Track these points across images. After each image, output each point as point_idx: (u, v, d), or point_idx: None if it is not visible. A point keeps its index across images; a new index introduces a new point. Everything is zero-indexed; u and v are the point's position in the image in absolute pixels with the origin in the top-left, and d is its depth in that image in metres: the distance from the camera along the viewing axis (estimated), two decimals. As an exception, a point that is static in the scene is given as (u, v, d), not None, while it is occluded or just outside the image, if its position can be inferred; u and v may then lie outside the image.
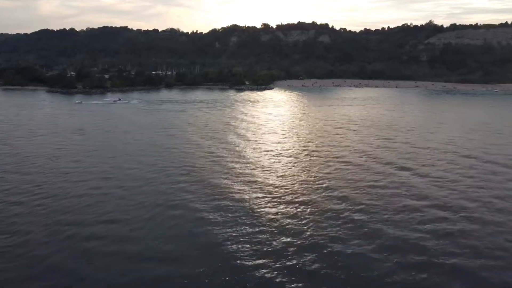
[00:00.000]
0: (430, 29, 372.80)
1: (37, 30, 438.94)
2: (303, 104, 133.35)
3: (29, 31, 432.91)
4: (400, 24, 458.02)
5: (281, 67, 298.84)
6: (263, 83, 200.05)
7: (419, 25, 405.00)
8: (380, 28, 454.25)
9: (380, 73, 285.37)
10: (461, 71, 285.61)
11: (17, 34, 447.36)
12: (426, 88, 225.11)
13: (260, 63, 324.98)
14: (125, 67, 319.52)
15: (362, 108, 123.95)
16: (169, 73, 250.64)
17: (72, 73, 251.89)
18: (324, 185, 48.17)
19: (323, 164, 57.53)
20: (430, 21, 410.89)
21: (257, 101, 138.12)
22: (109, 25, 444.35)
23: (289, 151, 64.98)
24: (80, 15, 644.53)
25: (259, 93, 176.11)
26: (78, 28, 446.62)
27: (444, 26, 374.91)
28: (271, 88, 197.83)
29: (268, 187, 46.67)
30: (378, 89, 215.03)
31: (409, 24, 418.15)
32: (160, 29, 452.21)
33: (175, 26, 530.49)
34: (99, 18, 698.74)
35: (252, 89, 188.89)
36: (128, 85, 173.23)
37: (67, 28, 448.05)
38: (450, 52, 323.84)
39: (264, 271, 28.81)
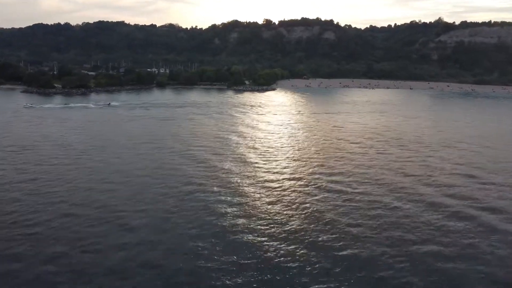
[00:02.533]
0: (440, 26, 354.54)
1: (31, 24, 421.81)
2: (311, 110, 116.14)
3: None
4: (401, 22, 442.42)
5: (284, 65, 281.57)
6: (264, 83, 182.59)
7: (428, 22, 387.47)
8: (386, 25, 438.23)
9: (389, 72, 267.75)
10: (476, 71, 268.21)
11: (13, 28, 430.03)
12: (442, 90, 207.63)
13: (261, 61, 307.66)
14: (119, 64, 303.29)
15: (379, 115, 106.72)
16: (162, 70, 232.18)
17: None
18: (370, 238, 31.48)
19: (354, 199, 40.76)
20: (439, 18, 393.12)
21: (258, 105, 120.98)
22: (105, 20, 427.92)
23: (303, 178, 47.93)
24: (81, 11, 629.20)
25: (261, 94, 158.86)
26: (77, 23, 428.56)
27: (449, 24, 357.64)
28: (274, 89, 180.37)
29: (286, 243, 29.99)
30: (390, 91, 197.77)
31: (417, 21, 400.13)
32: (159, 25, 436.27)
33: (177, 22, 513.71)
34: (100, 13, 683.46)
35: (252, 90, 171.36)
36: (115, 85, 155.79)
37: (62, 23, 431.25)
38: (462, 51, 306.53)
39: None
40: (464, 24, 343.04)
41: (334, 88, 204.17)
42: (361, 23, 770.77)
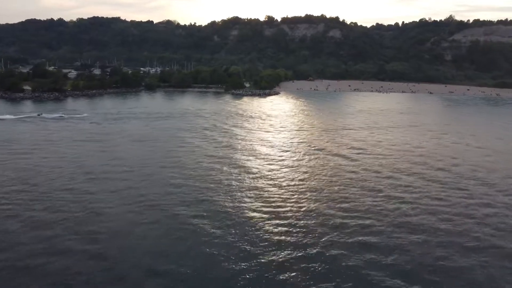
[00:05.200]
0: (453, 25, 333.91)
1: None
2: (325, 122, 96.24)
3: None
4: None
5: (287, 64, 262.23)
6: (266, 86, 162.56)
7: (438, 20, 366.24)
8: (393, 23, 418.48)
9: (402, 74, 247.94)
10: (495, 73, 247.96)
11: (6, 24, 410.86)
12: (464, 95, 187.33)
13: (262, 59, 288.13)
14: (110, 62, 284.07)
15: (411, 131, 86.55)
16: (153, 70, 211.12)
17: (51, 68, 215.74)
18: None
19: None
20: (450, 16, 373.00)
21: (260, 116, 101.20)
22: (104, 16, 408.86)
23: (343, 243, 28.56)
24: (82, 8, 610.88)
25: (262, 100, 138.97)
26: (71, 19, 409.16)
27: (462, 22, 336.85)
28: (277, 93, 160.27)
29: None
30: (407, 96, 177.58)
31: (427, 19, 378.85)
32: (157, 21, 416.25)
33: (175, 19, 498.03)
34: (103, 10, 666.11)
35: (253, 94, 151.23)
36: (96, 87, 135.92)
37: (55, 18, 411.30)
38: (478, 50, 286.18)
39: None
40: (479, 22, 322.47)
41: (343, 92, 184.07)
42: (364, 22, 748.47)
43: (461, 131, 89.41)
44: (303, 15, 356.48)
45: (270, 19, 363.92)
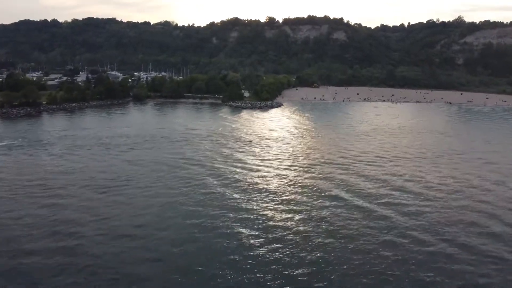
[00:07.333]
0: (464, 26, 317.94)
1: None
2: (342, 147, 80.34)
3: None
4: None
5: (289, 68, 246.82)
6: (268, 96, 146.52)
7: (446, 21, 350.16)
8: (398, 24, 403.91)
9: (413, 80, 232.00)
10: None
11: (1, 24, 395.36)
12: (485, 105, 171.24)
13: (263, 63, 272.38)
14: (103, 65, 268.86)
15: (453, 163, 70.23)
16: (144, 76, 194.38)
17: (33, 75, 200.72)
18: None
19: None
20: (459, 17, 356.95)
21: (261, 138, 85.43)
22: (99, 15, 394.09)
23: None
24: (83, 6, 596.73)
25: (264, 115, 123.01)
26: (66, 20, 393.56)
27: (474, 23, 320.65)
28: (280, 105, 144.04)
29: None
30: (424, 107, 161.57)
31: (435, 20, 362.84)
32: (155, 22, 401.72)
33: (173, 20, 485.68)
34: (102, 9, 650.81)
35: (253, 107, 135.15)
36: (76, 100, 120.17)
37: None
38: (491, 54, 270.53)
39: None
40: (491, 24, 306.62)
41: (352, 102, 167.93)
42: (366, 22, 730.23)
43: (508, 162, 73.28)
44: (305, 16, 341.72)
45: (271, 20, 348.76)
